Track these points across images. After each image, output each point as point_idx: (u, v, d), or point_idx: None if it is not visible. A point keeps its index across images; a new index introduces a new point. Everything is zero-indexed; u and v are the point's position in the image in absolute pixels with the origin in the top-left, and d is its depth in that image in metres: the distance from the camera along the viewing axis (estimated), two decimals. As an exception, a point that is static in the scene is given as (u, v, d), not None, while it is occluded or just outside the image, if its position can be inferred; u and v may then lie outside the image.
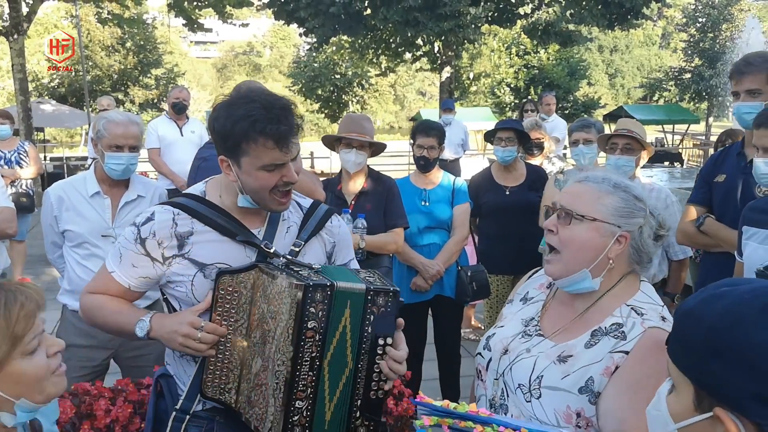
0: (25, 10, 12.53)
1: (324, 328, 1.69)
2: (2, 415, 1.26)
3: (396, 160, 16.82)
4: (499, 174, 4.37)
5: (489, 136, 4.45)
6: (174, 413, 1.85)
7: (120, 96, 30.87)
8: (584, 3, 16.01)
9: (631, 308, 1.59)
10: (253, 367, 1.75)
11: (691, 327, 0.95)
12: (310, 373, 1.70)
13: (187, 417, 1.84)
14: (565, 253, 1.62)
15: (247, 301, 1.76)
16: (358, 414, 1.79)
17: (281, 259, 1.82)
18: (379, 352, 1.76)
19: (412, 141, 4.07)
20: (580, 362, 1.54)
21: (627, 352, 1.50)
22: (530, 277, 1.91)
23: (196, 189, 1.95)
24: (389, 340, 1.77)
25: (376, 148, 3.68)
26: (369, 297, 1.73)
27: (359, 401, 1.78)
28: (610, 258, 1.59)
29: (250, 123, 1.70)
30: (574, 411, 1.51)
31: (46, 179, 14.89)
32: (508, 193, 4.29)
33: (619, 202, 1.59)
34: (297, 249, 1.89)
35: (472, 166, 16.27)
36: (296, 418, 1.71)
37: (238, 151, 1.74)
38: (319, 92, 29.67)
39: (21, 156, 6.87)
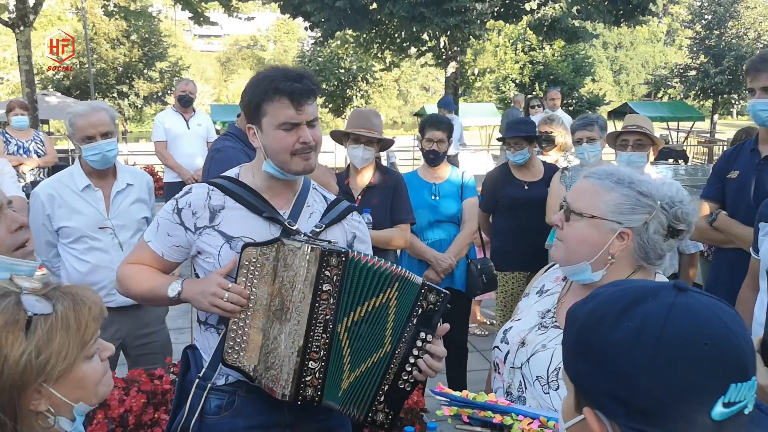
0: (31, 1, 12.50)
1: (338, 292, 1.80)
2: (61, 420, 1.24)
3: (399, 155, 16.81)
4: (517, 170, 4.35)
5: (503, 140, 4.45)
6: (197, 381, 1.94)
7: (125, 89, 30.91)
8: (591, -1, 15.94)
9: None
10: (272, 333, 1.83)
11: (569, 327, 0.96)
12: (324, 336, 1.81)
13: (209, 385, 1.92)
14: (566, 246, 1.63)
15: (268, 273, 1.83)
16: (382, 399, 1.85)
17: (302, 236, 1.91)
18: (418, 345, 1.83)
19: (420, 135, 4.06)
20: None
21: None
22: (546, 270, 1.92)
23: (231, 172, 2.07)
24: (430, 338, 1.83)
25: (384, 144, 3.68)
26: (422, 291, 1.82)
27: (386, 387, 1.84)
28: (612, 254, 1.57)
29: (268, 82, 1.88)
30: None
31: (51, 171, 14.93)
32: (527, 188, 4.28)
33: (620, 198, 1.56)
34: (318, 230, 1.99)
35: (477, 161, 16.28)
36: (309, 378, 1.81)
37: (260, 114, 1.90)
38: (324, 86, 29.61)
39: (38, 145, 6.91)
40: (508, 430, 1.38)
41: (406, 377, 1.84)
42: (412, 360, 1.83)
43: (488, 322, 5.99)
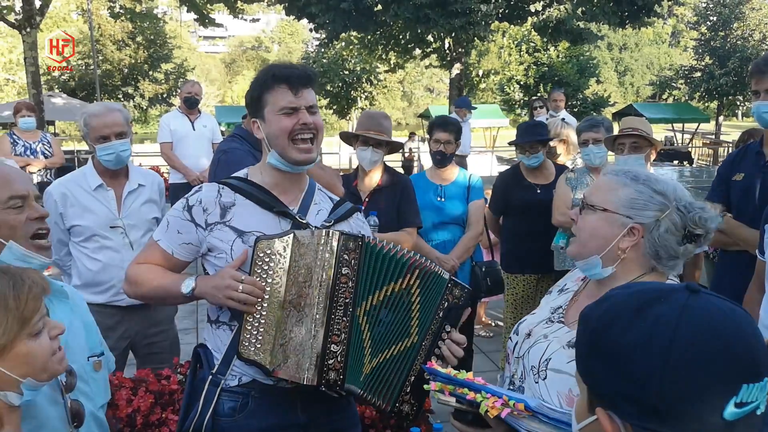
0: (37, 3, 12.57)
1: (356, 276, 1.87)
2: (9, 395, 1.30)
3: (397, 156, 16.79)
4: (529, 173, 4.30)
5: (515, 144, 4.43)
6: (210, 377, 1.94)
7: (130, 90, 31.02)
8: (596, 0, 15.93)
9: None
10: (288, 323, 1.86)
11: (582, 329, 0.97)
12: (344, 319, 1.87)
13: (222, 382, 1.93)
14: (579, 239, 1.67)
15: (282, 265, 1.86)
16: (409, 390, 1.90)
17: (313, 228, 1.95)
18: (443, 337, 1.90)
19: (428, 136, 4.07)
20: None
21: None
22: (573, 271, 1.95)
23: (240, 173, 2.12)
24: (454, 330, 1.91)
25: (393, 147, 3.69)
26: (449, 286, 1.92)
27: (413, 378, 1.89)
28: (621, 248, 1.59)
29: (266, 73, 1.99)
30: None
31: (58, 172, 14.99)
32: (539, 191, 4.24)
33: (633, 194, 1.58)
34: (328, 224, 2.03)
35: (481, 162, 16.27)
36: (331, 362, 1.85)
37: (261, 104, 1.98)
38: (328, 88, 29.67)
39: (45, 146, 6.94)
40: (477, 406, 1.48)
41: None
42: (437, 351, 1.89)
43: (493, 324, 5.99)
